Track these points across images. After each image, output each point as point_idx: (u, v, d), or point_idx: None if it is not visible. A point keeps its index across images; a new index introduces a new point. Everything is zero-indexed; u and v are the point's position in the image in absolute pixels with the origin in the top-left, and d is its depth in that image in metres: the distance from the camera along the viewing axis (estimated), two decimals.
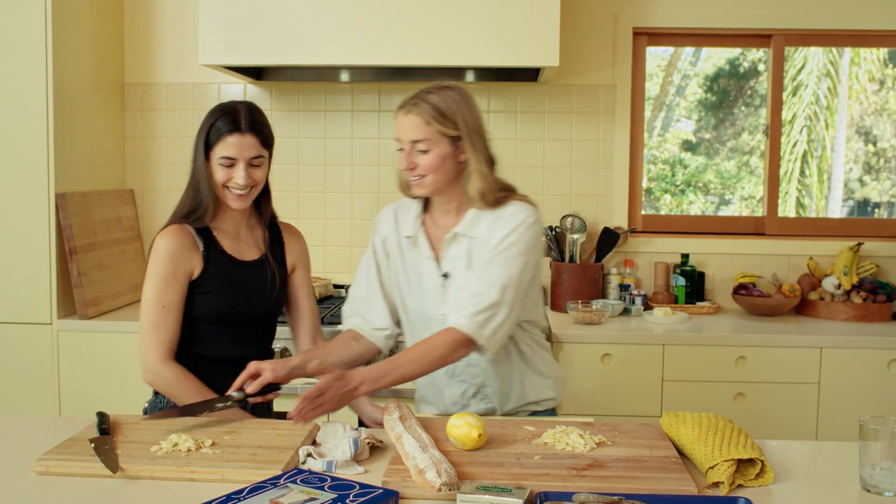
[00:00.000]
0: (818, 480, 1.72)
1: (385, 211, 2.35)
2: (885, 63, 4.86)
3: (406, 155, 2.13)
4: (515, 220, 2.13)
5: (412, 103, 2.11)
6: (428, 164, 2.11)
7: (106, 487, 1.64)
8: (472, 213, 2.17)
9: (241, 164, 2.17)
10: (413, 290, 2.25)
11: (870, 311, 3.54)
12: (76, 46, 3.48)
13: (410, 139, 2.11)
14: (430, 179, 2.14)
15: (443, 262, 2.20)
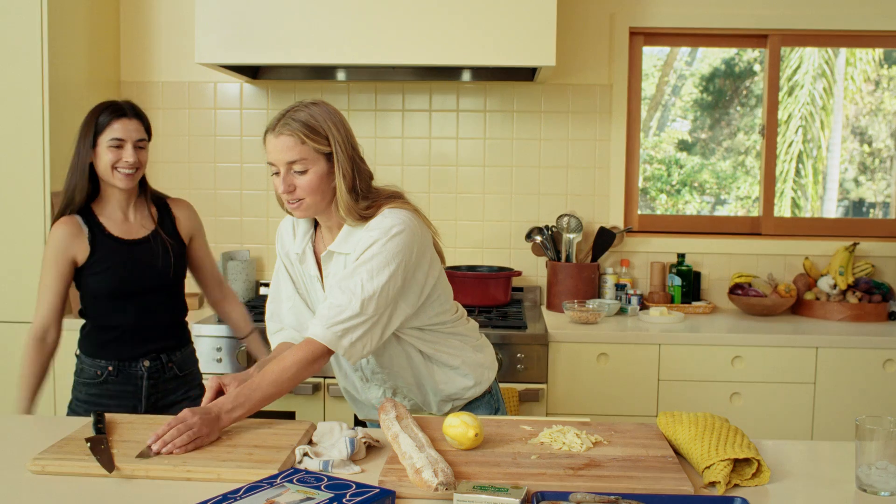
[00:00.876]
0: (814, 480, 1.73)
1: (284, 222, 2.27)
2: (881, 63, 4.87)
3: (283, 178, 2.03)
4: (379, 230, 2.03)
5: (282, 123, 2.02)
6: (307, 184, 2.03)
7: (102, 487, 1.63)
8: (346, 230, 2.10)
9: (129, 145, 2.44)
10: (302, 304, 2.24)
11: (865, 310, 3.55)
12: (72, 45, 3.47)
13: (286, 161, 2.01)
14: (309, 201, 2.05)
15: (325, 280, 2.15)
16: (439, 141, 3.88)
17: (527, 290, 3.88)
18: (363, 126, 3.89)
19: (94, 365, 2.58)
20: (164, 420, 1.93)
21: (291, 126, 2.01)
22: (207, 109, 3.93)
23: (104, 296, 2.53)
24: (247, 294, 3.75)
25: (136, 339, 2.55)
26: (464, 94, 3.88)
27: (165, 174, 3.93)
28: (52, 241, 2.48)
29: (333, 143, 2.04)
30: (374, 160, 3.93)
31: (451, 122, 3.89)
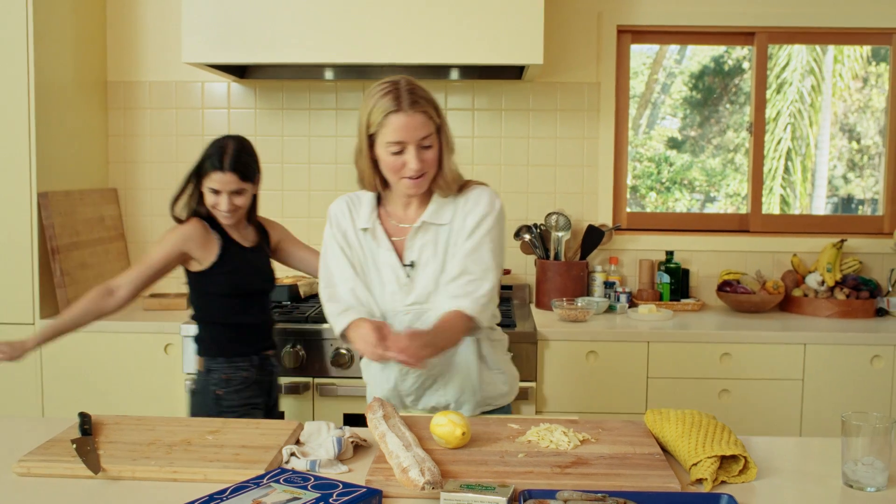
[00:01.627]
0: (801, 476, 1.73)
1: (338, 203, 2.27)
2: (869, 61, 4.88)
3: (416, 155, 2.05)
4: (490, 206, 2.16)
5: (411, 101, 2.04)
6: (432, 158, 2.10)
7: (88, 488, 1.63)
8: (437, 202, 2.17)
9: (224, 195, 2.61)
10: (374, 283, 2.20)
11: (853, 307, 3.56)
12: (58, 44, 3.46)
13: (420, 137, 2.05)
14: (429, 175, 2.12)
15: (407, 253, 2.17)
16: None
17: (516, 288, 3.88)
18: (351, 125, 3.88)
19: (237, 368, 2.70)
20: (148, 421, 1.93)
21: (421, 104, 2.05)
22: (195, 109, 3.92)
23: (232, 294, 2.69)
24: None
25: (262, 335, 2.78)
26: (452, 93, 3.88)
27: (153, 174, 3.92)
28: (184, 232, 2.65)
29: (442, 119, 2.13)
30: None
31: None
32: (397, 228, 2.21)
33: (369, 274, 2.21)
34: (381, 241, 2.19)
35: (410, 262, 2.16)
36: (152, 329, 3.30)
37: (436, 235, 2.16)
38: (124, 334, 3.30)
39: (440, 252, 2.16)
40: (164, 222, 3.88)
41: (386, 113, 2.04)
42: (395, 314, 2.17)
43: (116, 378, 3.31)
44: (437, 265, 2.15)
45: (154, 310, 3.53)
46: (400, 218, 2.21)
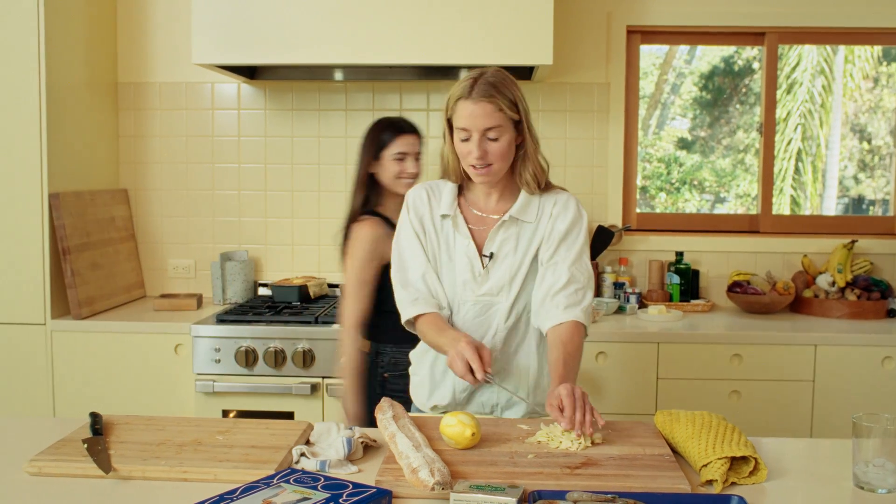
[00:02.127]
0: (812, 478, 1.72)
1: (416, 190, 2.28)
2: (879, 61, 4.86)
3: (478, 143, 2.07)
4: (579, 212, 2.21)
5: (482, 90, 2.06)
6: (499, 151, 2.10)
7: (99, 488, 1.63)
8: (524, 198, 2.19)
9: (410, 157, 2.77)
10: (444, 270, 2.21)
11: (864, 308, 3.54)
12: (69, 46, 3.47)
13: (484, 127, 2.07)
14: (498, 167, 2.12)
15: (487, 244, 2.17)
16: (437, 140, 3.85)
17: None
18: (360, 126, 3.86)
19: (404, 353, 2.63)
20: (158, 421, 1.94)
21: (490, 93, 2.06)
22: (205, 110, 3.93)
23: None
24: (245, 294, 3.75)
25: None
26: None
27: (163, 175, 3.93)
28: (368, 239, 2.71)
29: (522, 112, 2.13)
30: None
31: None
32: (477, 218, 2.22)
33: (442, 262, 2.22)
34: (460, 229, 2.19)
35: (490, 254, 2.17)
36: (162, 329, 3.31)
37: (518, 231, 2.18)
38: (135, 335, 3.31)
39: (521, 248, 2.17)
40: (175, 222, 3.92)
41: (456, 99, 2.09)
42: (462, 303, 2.18)
43: (127, 378, 3.32)
44: (515, 261, 2.17)
45: (164, 310, 3.54)
46: (481, 208, 2.22)
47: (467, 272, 2.17)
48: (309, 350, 3.20)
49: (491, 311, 2.17)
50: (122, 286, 3.69)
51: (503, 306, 2.16)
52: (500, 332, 2.17)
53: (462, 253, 2.19)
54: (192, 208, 3.95)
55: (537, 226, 2.18)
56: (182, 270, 3.96)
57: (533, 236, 2.18)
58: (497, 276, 2.17)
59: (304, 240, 3.94)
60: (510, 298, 2.16)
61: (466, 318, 2.18)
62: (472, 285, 2.17)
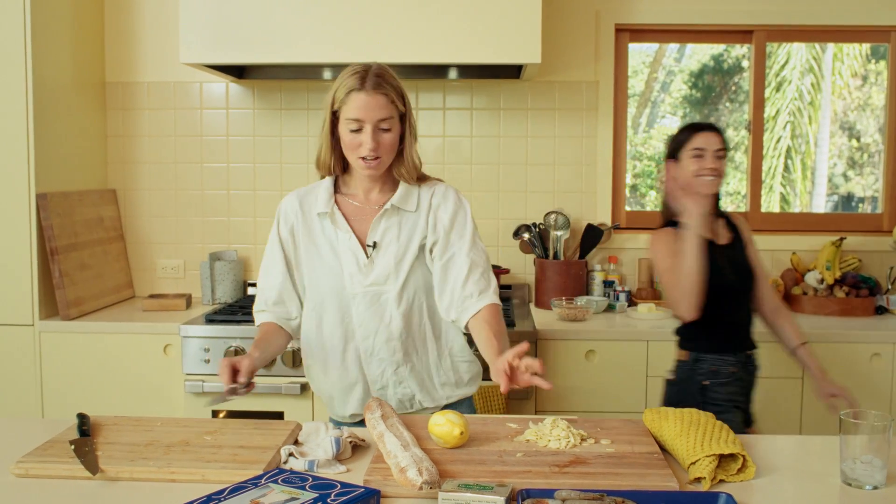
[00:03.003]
0: (800, 475, 1.73)
1: (288, 199, 2.30)
2: (868, 58, 4.87)
3: (372, 135, 2.09)
4: (459, 199, 2.26)
5: (375, 82, 2.09)
6: (389, 143, 2.13)
7: (86, 489, 1.63)
8: (403, 187, 2.22)
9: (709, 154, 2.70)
10: (326, 269, 2.23)
11: (852, 305, 3.56)
12: (56, 45, 3.46)
13: (378, 118, 2.09)
14: (386, 159, 2.16)
15: (370, 234, 2.20)
16: (426, 139, 3.87)
17: (515, 287, 3.88)
18: None
19: (724, 362, 2.71)
20: (146, 422, 1.93)
21: (384, 87, 2.10)
22: (193, 109, 3.91)
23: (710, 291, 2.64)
24: (234, 294, 3.74)
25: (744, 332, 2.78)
26: (450, 92, 3.88)
27: (152, 175, 3.92)
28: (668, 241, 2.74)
29: (408, 107, 2.19)
30: None
31: (437, 121, 3.88)
32: (357, 209, 2.24)
33: (324, 259, 2.23)
34: (339, 224, 2.21)
35: (373, 243, 2.20)
36: (151, 330, 3.30)
37: (400, 220, 2.21)
38: (123, 335, 3.30)
39: (404, 236, 2.20)
40: (163, 222, 3.91)
41: (349, 91, 2.10)
42: (353, 297, 2.20)
43: (116, 379, 3.31)
44: (400, 248, 2.20)
45: (153, 311, 3.53)
46: (361, 200, 2.24)
47: (353, 265, 2.20)
48: (298, 350, 3.18)
49: (381, 300, 2.19)
50: (110, 287, 3.68)
51: (392, 294, 2.19)
52: (396, 320, 2.19)
53: (345, 247, 2.21)
54: (180, 208, 3.94)
55: (418, 215, 2.22)
56: (171, 270, 3.95)
57: (415, 225, 2.21)
58: (382, 265, 2.19)
59: None
60: (398, 284, 2.19)
61: (360, 311, 2.20)
62: (359, 277, 2.19)
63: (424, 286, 2.23)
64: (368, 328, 2.21)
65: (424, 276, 2.22)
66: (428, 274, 2.23)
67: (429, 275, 2.23)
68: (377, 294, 2.19)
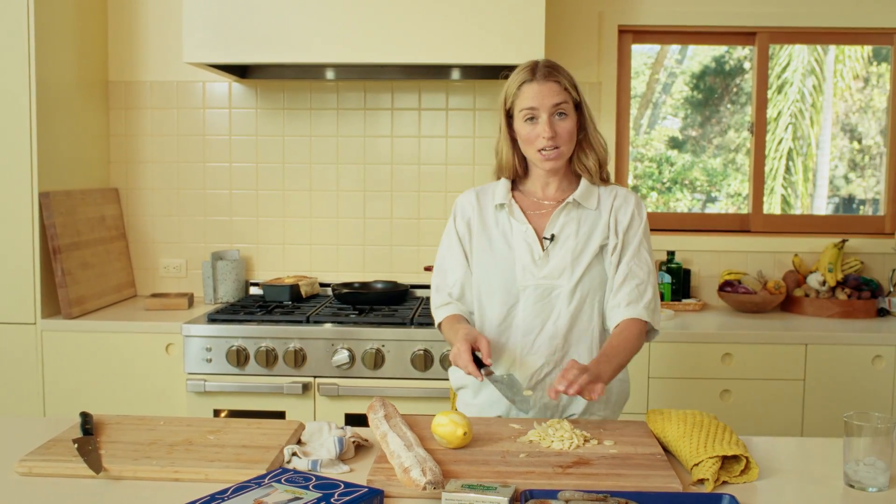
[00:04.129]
0: (803, 476, 1.73)
1: (465, 194, 2.32)
2: (870, 61, 4.87)
3: (547, 122, 2.09)
4: (639, 207, 2.22)
5: (545, 72, 2.11)
6: (567, 130, 2.12)
7: (90, 488, 1.63)
8: (585, 185, 2.20)
9: None
10: (499, 261, 2.19)
11: (854, 307, 3.56)
12: (59, 44, 3.46)
13: (552, 103, 2.09)
14: (566, 149, 2.14)
15: (549, 226, 2.18)
16: (428, 140, 3.88)
17: None
18: (352, 125, 3.88)
19: None
20: (149, 421, 1.93)
21: (555, 75, 2.12)
22: (196, 109, 3.92)
23: None
24: (237, 294, 3.74)
25: None
26: (453, 93, 3.88)
27: (154, 174, 3.92)
28: None
29: (582, 97, 2.17)
30: (363, 159, 3.95)
31: (440, 121, 3.88)
32: (535, 204, 2.23)
33: (500, 253, 2.20)
34: (517, 215, 2.20)
35: (550, 235, 2.17)
36: (153, 329, 3.30)
37: (579, 216, 2.19)
38: (125, 334, 3.30)
39: (583, 232, 2.17)
40: (166, 222, 3.91)
41: (520, 84, 2.13)
42: (523, 289, 2.16)
43: (118, 378, 3.32)
44: (578, 243, 2.16)
45: (155, 310, 3.53)
46: (539, 196, 2.24)
47: (527, 256, 2.17)
48: (300, 349, 3.19)
49: (552, 295, 2.15)
50: (112, 286, 3.68)
51: (564, 289, 2.14)
52: (563, 318, 2.15)
53: (521, 238, 2.18)
54: (183, 207, 3.94)
55: (599, 214, 2.19)
56: (173, 270, 3.95)
57: (595, 224, 2.18)
58: (558, 259, 2.16)
59: (295, 239, 3.93)
60: (572, 281, 2.14)
61: (527, 304, 2.16)
62: (533, 269, 2.16)
63: (599, 285, 2.17)
64: (532, 324, 2.16)
65: (601, 277, 2.17)
66: (605, 275, 2.18)
67: (604, 273, 2.18)
68: (549, 289, 2.15)
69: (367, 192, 3.89)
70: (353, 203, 3.90)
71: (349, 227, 3.91)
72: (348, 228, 3.91)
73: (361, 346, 3.17)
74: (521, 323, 2.17)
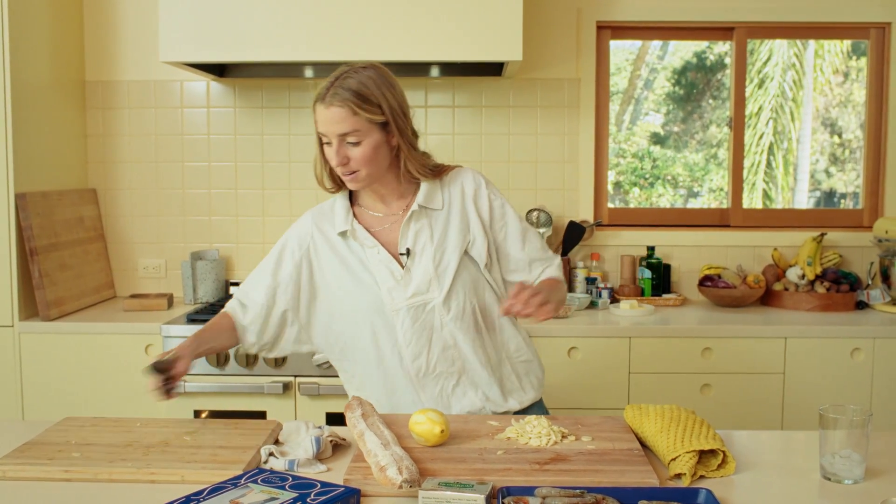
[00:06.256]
0: (780, 470, 1.73)
1: (302, 227, 2.17)
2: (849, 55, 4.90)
3: (336, 150, 1.95)
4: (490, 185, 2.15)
5: (332, 93, 1.93)
6: (362, 157, 1.95)
7: (64, 491, 1.61)
8: (426, 187, 2.08)
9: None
10: (364, 288, 2.07)
11: (833, 300, 3.57)
12: (34, 44, 3.43)
13: (339, 133, 1.93)
14: (365, 173, 1.99)
15: (401, 241, 2.06)
16: None
17: None
18: None
19: None
20: (126, 423, 1.92)
21: (342, 96, 1.92)
22: (174, 108, 3.89)
23: None
24: (216, 294, 3.73)
25: None
26: (432, 90, 3.87)
27: (132, 174, 3.90)
28: None
29: (388, 112, 1.97)
30: None
31: (419, 119, 3.86)
32: (379, 220, 2.11)
33: (361, 278, 2.07)
34: (364, 240, 2.07)
35: (406, 251, 2.05)
36: (133, 330, 3.28)
37: (430, 220, 2.07)
38: (104, 335, 3.28)
39: (436, 237, 2.06)
40: (144, 222, 3.89)
41: (314, 101, 1.98)
42: (397, 313, 2.04)
43: (97, 380, 3.29)
44: (436, 252, 2.05)
45: (134, 310, 3.51)
46: (381, 210, 2.11)
47: (389, 279, 2.04)
48: None
49: (427, 310, 2.04)
50: (91, 287, 3.66)
51: (438, 301, 2.03)
52: (447, 327, 2.05)
53: (376, 262, 2.05)
54: (161, 207, 3.92)
55: (449, 211, 2.08)
56: (152, 270, 3.93)
57: (448, 223, 2.07)
58: (421, 272, 2.04)
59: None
60: (443, 291, 2.03)
61: (406, 327, 2.04)
62: (398, 291, 2.04)
63: (473, 286, 2.06)
64: (418, 345, 2.05)
65: (472, 276, 2.06)
66: (475, 272, 2.07)
67: (476, 272, 2.07)
68: (422, 305, 2.04)
69: None
70: None
71: None
72: None
73: None
74: (406, 347, 2.05)
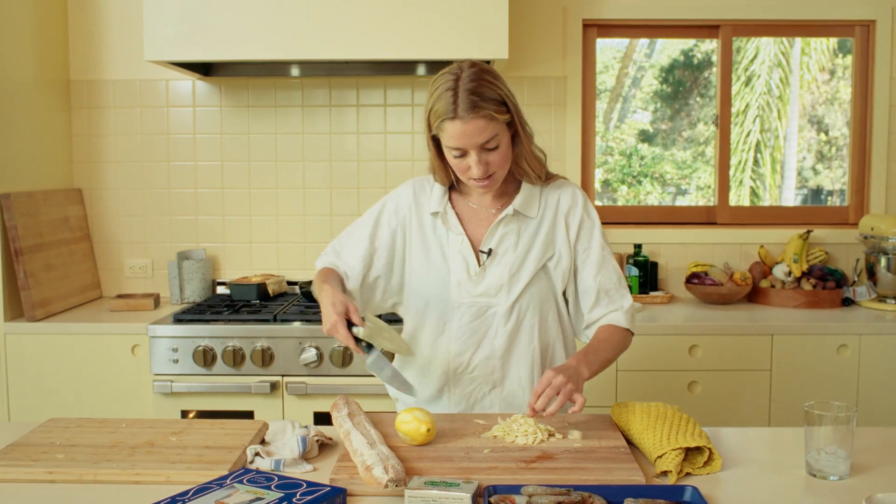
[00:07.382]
0: (766, 466, 1.73)
1: (404, 192, 2.14)
2: (835, 53, 4.92)
3: (478, 160, 1.92)
4: (587, 205, 2.11)
5: (468, 104, 1.87)
6: (500, 159, 1.95)
7: (49, 493, 1.60)
8: (526, 191, 2.07)
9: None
10: (434, 275, 2.07)
11: (819, 297, 3.58)
12: (18, 43, 3.41)
13: (479, 144, 1.90)
14: (500, 174, 1.99)
15: (486, 239, 2.04)
16: (395, 136, 3.86)
17: None
18: (318, 122, 3.86)
19: None
20: (111, 423, 1.91)
21: (477, 105, 1.87)
22: (160, 107, 3.88)
23: None
24: (203, 293, 3.71)
25: None
26: (419, 89, 3.87)
27: (118, 173, 3.88)
28: None
29: (512, 108, 1.96)
30: (329, 156, 3.93)
31: (406, 117, 3.87)
32: (473, 212, 2.09)
33: (434, 262, 2.07)
34: (453, 227, 2.06)
35: (488, 250, 2.03)
36: (119, 330, 3.27)
37: (519, 227, 2.05)
38: (91, 336, 3.27)
39: (522, 245, 2.04)
40: (130, 222, 3.87)
41: (440, 119, 1.91)
42: (458, 307, 2.04)
43: (83, 380, 3.28)
44: (516, 258, 2.03)
45: (121, 311, 3.50)
46: (477, 201, 2.10)
47: (462, 271, 2.04)
48: (268, 348, 3.17)
49: (487, 313, 2.04)
50: (77, 287, 3.64)
51: (501, 308, 2.03)
52: (500, 338, 2.05)
53: (456, 251, 2.05)
54: (148, 207, 3.90)
55: (541, 222, 2.07)
56: (139, 270, 3.91)
57: (536, 234, 2.06)
58: (495, 275, 2.03)
59: (262, 237, 3.91)
60: (509, 300, 2.03)
61: (462, 323, 2.05)
62: (468, 285, 2.04)
63: (540, 303, 2.05)
64: (466, 344, 2.05)
65: (541, 293, 2.05)
66: (549, 288, 2.06)
67: (549, 289, 2.06)
68: (484, 307, 2.04)
69: (333, 189, 3.87)
70: (320, 200, 3.88)
71: (316, 225, 3.88)
72: (315, 226, 3.88)
73: (329, 344, 3.16)
74: (454, 341, 2.06)
